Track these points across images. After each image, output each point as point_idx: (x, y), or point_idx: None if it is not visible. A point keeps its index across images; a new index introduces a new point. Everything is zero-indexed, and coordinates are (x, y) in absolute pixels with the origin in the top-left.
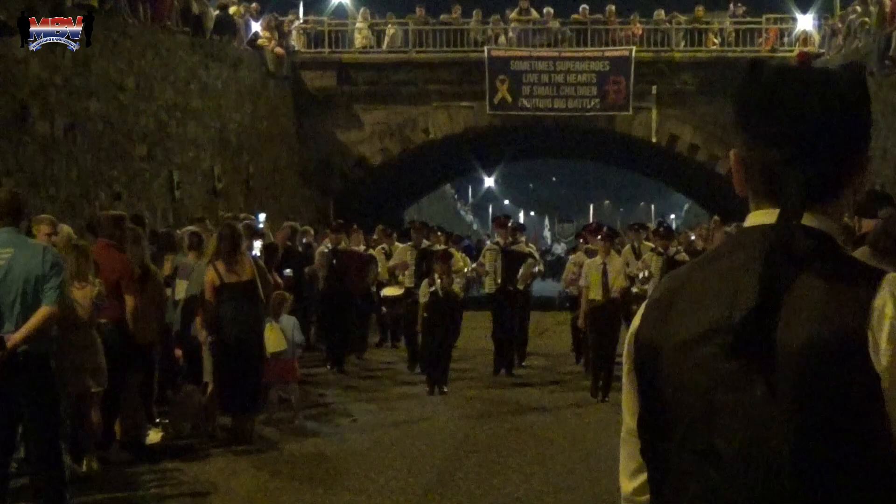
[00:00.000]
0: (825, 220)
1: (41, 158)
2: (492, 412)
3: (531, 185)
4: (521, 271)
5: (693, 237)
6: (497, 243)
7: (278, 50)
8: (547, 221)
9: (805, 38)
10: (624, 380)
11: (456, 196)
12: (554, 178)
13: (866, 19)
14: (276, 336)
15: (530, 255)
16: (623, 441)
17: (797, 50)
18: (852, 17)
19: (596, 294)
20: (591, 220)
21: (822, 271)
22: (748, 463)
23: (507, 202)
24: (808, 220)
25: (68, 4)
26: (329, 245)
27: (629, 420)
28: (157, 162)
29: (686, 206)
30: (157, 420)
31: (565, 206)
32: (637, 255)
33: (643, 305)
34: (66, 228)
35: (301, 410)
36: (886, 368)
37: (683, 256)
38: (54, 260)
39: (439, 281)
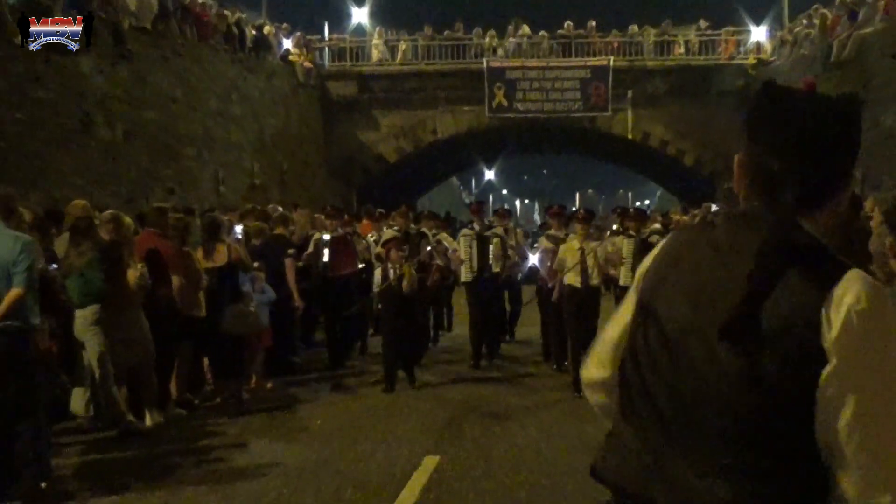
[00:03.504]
0: (813, 224)
1: (105, 160)
2: (489, 378)
3: (525, 177)
4: (491, 252)
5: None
6: (472, 229)
7: (307, 63)
8: (537, 207)
9: (759, 48)
10: (627, 300)
11: (461, 187)
12: (545, 171)
13: (811, 31)
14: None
15: (500, 236)
16: (602, 341)
17: (752, 58)
18: (798, 28)
19: (574, 280)
20: (577, 206)
21: (802, 265)
22: (702, 401)
23: (504, 192)
24: (800, 223)
25: (125, 27)
26: (325, 233)
27: (614, 330)
28: (204, 161)
29: (658, 193)
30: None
31: (555, 194)
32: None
33: (650, 256)
34: (126, 220)
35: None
36: (833, 347)
37: (656, 239)
38: (23, 247)
39: (392, 271)
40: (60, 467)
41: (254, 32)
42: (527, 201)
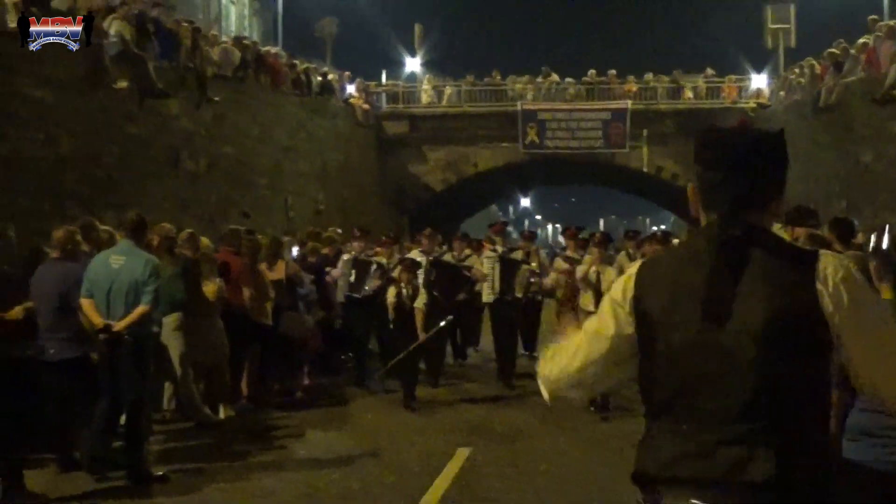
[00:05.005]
0: (761, 220)
1: (189, 188)
2: (517, 384)
3: (556, 204)
4: (517, 279)
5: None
6: (495, 250)
7: (365, 106)
8: None
9: (758, 93)
10: (611, 322)
11: (500, 213)
12: (573, 199)
13: (802, 80)
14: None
15: (524, 261)
16: (578, 365)
17: (752, 102)
18: (792, 77)
19: (589, 303)
20: (601, 230)
21: (768, 252)
22: (725, 382)
23: (538, 217)
24: (751, 220)
25: (209, 76)
26: (353, 253)
27: (597, 353)
28: (275, 190)
29: (672, 219)
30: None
31: (582, 219)
32: (632, 261)
33: (632, 274)
34: (204, 240)
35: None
36: (833, 312)
37: None
38: (152, 270)
39: (405, 290)
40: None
41: (319, 79)
42: (557, 226)
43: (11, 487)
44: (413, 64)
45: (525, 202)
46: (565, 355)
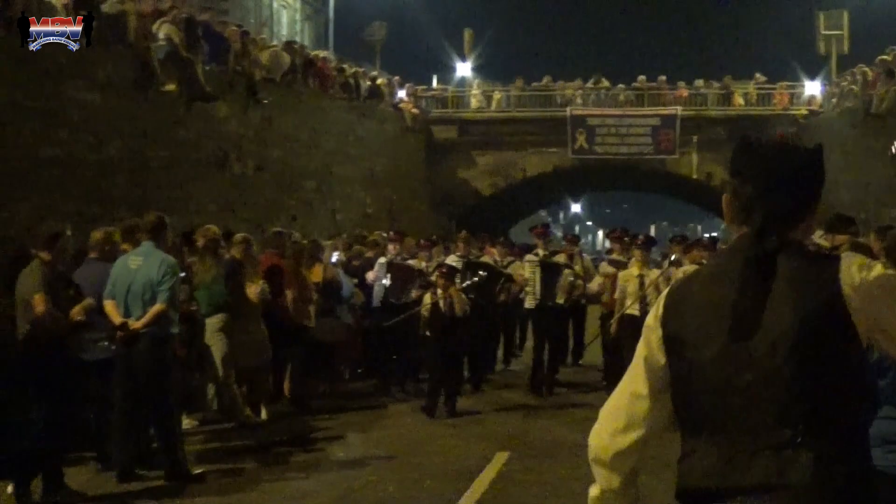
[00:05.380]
0: (793, 235)
1: (237, 191)
2: (557, 391)
3: (608, 210)
4: (559, 284)
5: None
6: (536, 254)
7: (414, 110)
8: None
9: (811, 100)
10: (644, 352)
11: (550, 218)
12: (625, 205)
13: (854, 87)
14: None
15: (567, 266)
16: (625, 403)
17: (803, 109)
18: (844, 83)
19: (633, 308)
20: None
21: (795, 261)
22: (757, 392)
23: (589, 223)
24: (783, 235)
25: (258, 79)
26: (388, 256)
27: (639, 386)
28: (323, 193)
29: (722, 226)
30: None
31: (632, 225)
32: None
33: (662, 296)
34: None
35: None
36: (863, 311)
37: None
38: (167, 269)
39: (442, 295)
40: (187, 452)
41: (368, 83)
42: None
43: (51, 485)
44: (464, 69)
45: (575, 207)
46: (609, 401)
